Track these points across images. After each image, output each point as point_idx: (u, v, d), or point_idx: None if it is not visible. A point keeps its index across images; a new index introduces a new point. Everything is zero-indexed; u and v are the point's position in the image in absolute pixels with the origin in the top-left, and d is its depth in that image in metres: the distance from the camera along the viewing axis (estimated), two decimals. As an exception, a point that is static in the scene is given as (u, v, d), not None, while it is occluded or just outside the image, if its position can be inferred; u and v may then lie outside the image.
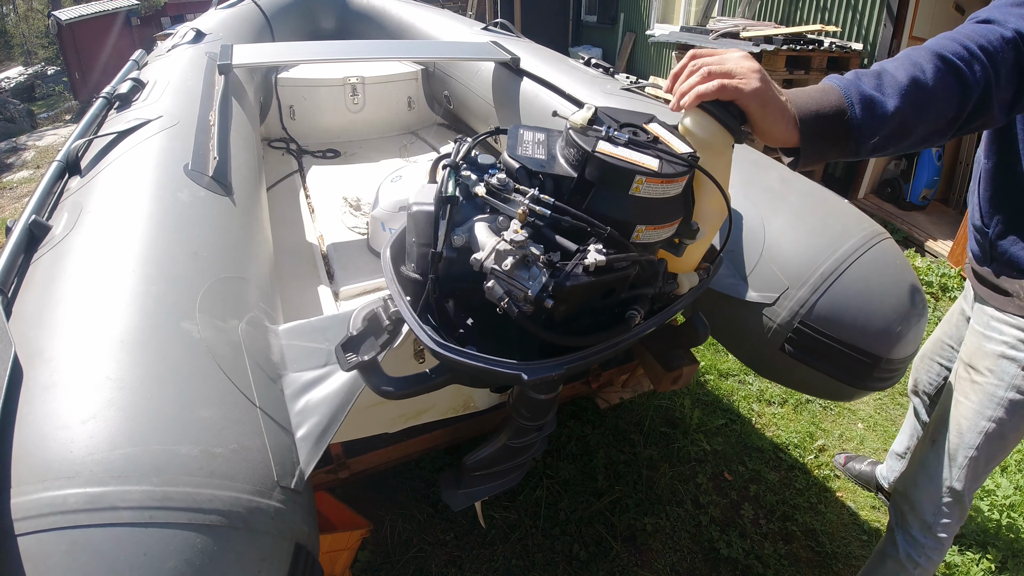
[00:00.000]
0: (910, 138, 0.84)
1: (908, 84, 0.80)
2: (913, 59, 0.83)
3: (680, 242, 0.85)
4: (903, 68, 0.82)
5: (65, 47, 8.76)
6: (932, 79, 0.80)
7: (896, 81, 0.81)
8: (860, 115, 0.79)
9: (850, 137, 0.80)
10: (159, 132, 1.27)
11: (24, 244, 0.95)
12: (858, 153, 0.83)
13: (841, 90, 0.81)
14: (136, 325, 0.76)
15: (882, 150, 0.85)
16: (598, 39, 8.77)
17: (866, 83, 0.81)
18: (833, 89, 0.81)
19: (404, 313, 0.79)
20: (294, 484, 0.73)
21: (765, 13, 5.41)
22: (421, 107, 2.88)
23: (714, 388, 2.57)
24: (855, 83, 0.81)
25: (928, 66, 0.81)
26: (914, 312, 1.13)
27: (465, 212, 0.80)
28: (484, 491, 1.07)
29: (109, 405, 0.66)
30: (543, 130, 0.86)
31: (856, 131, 0.80)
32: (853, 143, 0.81)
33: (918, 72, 0.81)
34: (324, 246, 1.77)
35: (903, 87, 0.80)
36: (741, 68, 0.78)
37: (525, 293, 0.72)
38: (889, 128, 0.81)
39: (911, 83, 0.80)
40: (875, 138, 0.81)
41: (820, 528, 1.93)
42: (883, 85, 0.81)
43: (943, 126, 0.85)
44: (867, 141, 0.81)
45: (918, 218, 4.08)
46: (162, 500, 0.60)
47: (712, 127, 0.81)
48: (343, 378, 0.85)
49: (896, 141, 0.83)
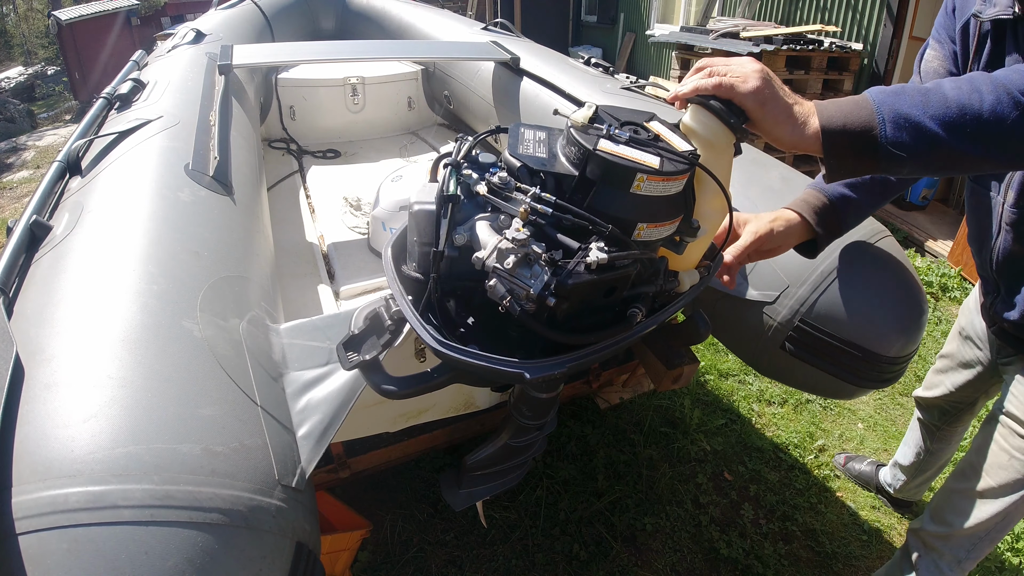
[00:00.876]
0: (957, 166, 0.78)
1: (956, 109, 0.72)
2: (975, 84, 0.74)
3: (681, 240, 0.85)
4: (958, 90, 0.74)
5: (65, 47, 8.76)
6: (989, 110, 0.72)
7: (944, 103, 0.73)
8: (891, 134, 0.73)
9: (879, 156, 0.74)
10: (160, 132, 1.27)
11: (25, 244, 0.95)
12: (890, 172, 0.77)
13: (875, 105, 0.75)
14: (137, 324, 0.76)
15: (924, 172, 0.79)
16: (598, 39, 8.77)
17: (907, 100, 0.74)
18: (867, 103, 0.75)
19: (406, 312, 0.79)
20: (295, 483, 0.73)
21: (765, 13, 5.41)
22: (421, 107, 2.88)
23: (714, 388, 2.57)
24: (894, 99, 0.75)
25: (988, 96, 0.72)
26: (914, 310, 1.13)
27: (466, 211, 0.80)
28: (485, 491, 1.07)
29: (110, 404, 0.65)
30: (544, 129, 0.86)
31: (884, 151, 0.74)
32: (884, 162, 0.75)
33: (974, 99, 0.72)
34: (324, 246, 1.77)
35: (949, 111, 0.72)
36: (743, 69, 0.78)
37: (527, 291, 0.72)
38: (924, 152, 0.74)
39: (960, 109, 0.72)
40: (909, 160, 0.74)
41: (820, 528, 1.93)
42: (928, 104, 0.73)
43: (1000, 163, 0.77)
44: (899, 162, 0.74)
45: (918, 218, 4.08)
46: (163, 499, 0.60)
47: (713, 125, 0.81)
48: (344, 377, 0.85)
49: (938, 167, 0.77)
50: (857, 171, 0.78)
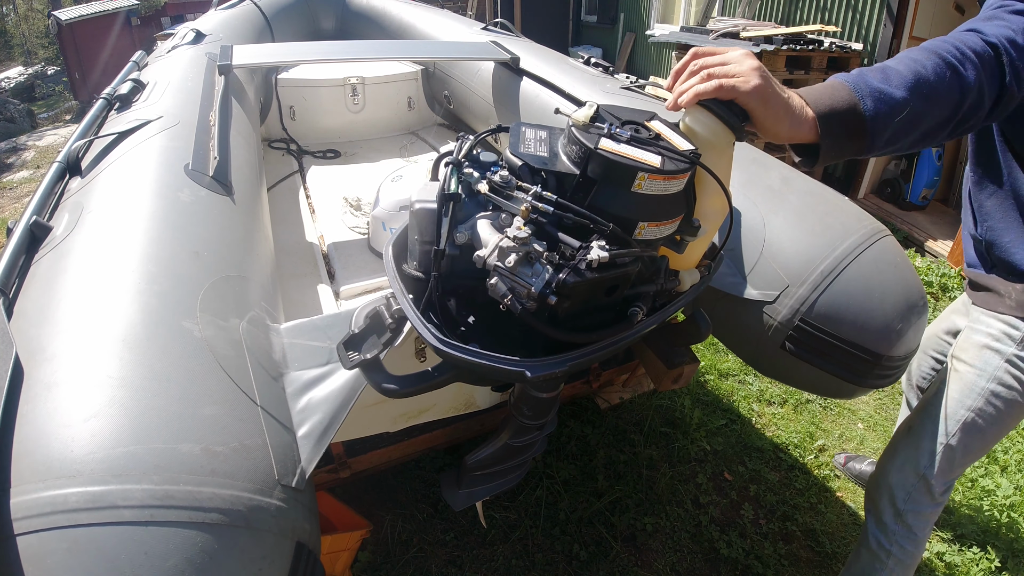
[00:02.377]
0: (917, 131, 0.87)
1: (912, 77, 0.84)
2: (912, 56, 0.88)
3: (682, 239, 0.85)
4: (904, 64, 0.86)
5: (65, 47, 8.76)
6: (932, 74, 0.85)
7: (900, 75, 0.85)
8: (872, 106, 0.82)
9: (865, 130, 0.82)
10: (159, 132, 1.27)
11: (25, 245, 0.95)
12: (872, 147, 0.85)
13: (850, 85, 0.83)
14: (137, 324, 0.76)
15: (893, 144, 0.87)
16: (598, 39, 8.77)
17: (872, 77, 0.84)
18: (842, 85, 0.84)
19: (407, 311, 0.79)
20: (295, 482, 0.73)
21: (765, 13, 5.41)
22: (421, 107, 2.88)
23: (714, 388, 2.57)
24: (862, 78, 0.84)
25: (927, 63, 0.86)
26: (914, 310, 1.13)
27: (468, 209, 0.80)
28: (485, 491, 1.07)
29: (110, 404, 0.65)
30: (545, 128, 0.86)
31: (870, 123, 0.82)
32: (868, 137, 0.83)
33: (919, 67, 0.85)
34: (325, 246, 1.77)
35: (908, 80, 0.84)
36: (741, 67, 0.78)
37: (528, 290, 0.72)
38: (900, 119, 0.84)
39: (914, 76, 0.84)
40: (888, 130, 0.83)
41: (820, 528, 1.93)
42: (889, 78, 0.84)
43: (943, 121, 0.88)
44: (881, 134, 0.83)
45: (918, 218, 4.08)
46: (163, 498, 0.60)
47: (713, 124, 0.81)
48: (345, 376, 0.85)
49: (905, 135, 0.86)
50: (848, 149, 0.85)
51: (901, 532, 1.37)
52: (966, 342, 1.28)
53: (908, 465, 1.33)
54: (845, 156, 0.86)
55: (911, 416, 1.38)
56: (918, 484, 1.32)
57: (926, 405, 1.33)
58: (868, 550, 1.44)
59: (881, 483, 1.40)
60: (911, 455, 1.33)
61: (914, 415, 1.37)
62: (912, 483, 1.33)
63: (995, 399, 1.22)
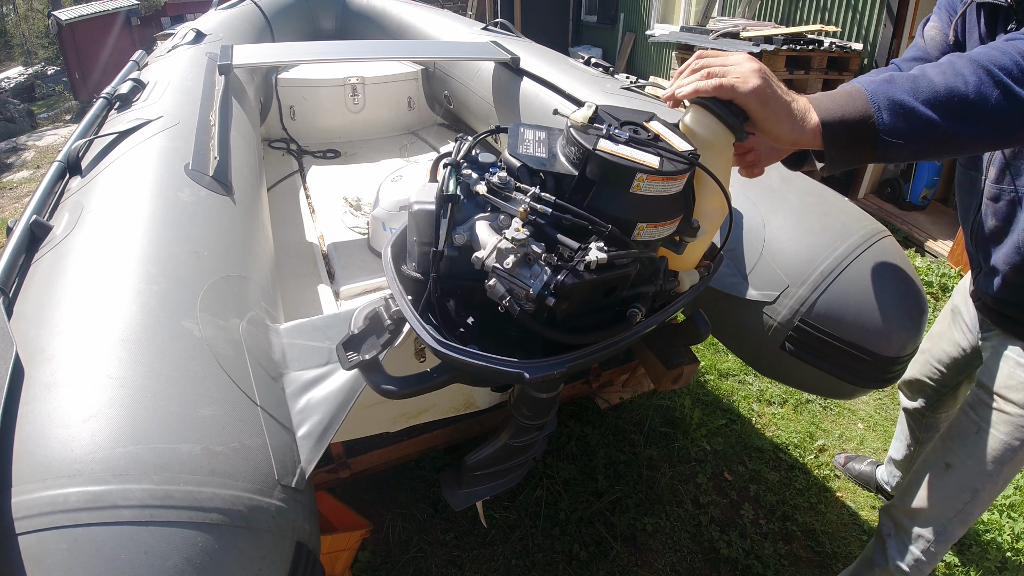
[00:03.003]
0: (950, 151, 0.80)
1: (944, 93, 0.75)
2: (957, 68, 0.77)
3: (681, 240, 0.85)
4: (942, 75, 0.77)
5: (65, 47, 8.76)
6: (973, 91, 0.75)
7: (932, 88, 0.76)
8: (888, 121, 0.76)
9: (878, 144, 0.77)
10: (160, 132, 1.27)
11: (25, 244, 0.95)
12: (887, 159, 0.80)
13: (869, 94, 0.77)
14: (137, 324, 0.76)
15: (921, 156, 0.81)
16: (598, 39, 8.77)
17: (899, 87, 0.77)
18: (860, 93, 0.78)
19: (406, 312, 0.79)
20: (295, 483, 0.73)
21: (765, 13, 5.41)
22: (421, 107, 2.88)
23: (714, 388, 2.57)
24: (885, 87, 0.77)
25: (971, 78, 0.76)
26: (914, 310, 1.13)
27: (466, 211, 0.80)
28: (485, 491, 1.07)
29: (110, 403, 0.65)
30: (544, 128, 0.86)
31: (884, 138, 0.76)
32: (882, 149, 0.77)
33: (958, 82, 0.76)
34: (324, 246, 1.77)
35: (939, 95, 0.76)
36: (741, 68, 0.78)
37: (527, 291, 0.72)
38: (920, 136, 0.77)
39: (948, 92, 0.75)
40: (906, 146, 0.77)
41: (820, 528, 1.93)
42: (918, 90, 0.76)
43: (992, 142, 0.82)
44: (897, 149, 0.77)
45: (918, 218, 4.08)
46: (163, 498, 0.60)
47: (713, 125, 0.81)
48: (344, 377, 0.85)
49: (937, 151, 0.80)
50: (856, 160, 0.80)
51: (925, 560, 1.36)
52: (1012, 380, 1.22)
53: (947, 503, 1.30)
54: (860, 164, 0.82)
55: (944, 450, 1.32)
56: (955, 519, 1.31)
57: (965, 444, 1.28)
58: (884, 571, 1.43)
59: (913, 513, 1.36)
60: (951, 494, 1.29)
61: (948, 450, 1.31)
62: (950, 518, 1.31)
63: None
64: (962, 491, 1.28)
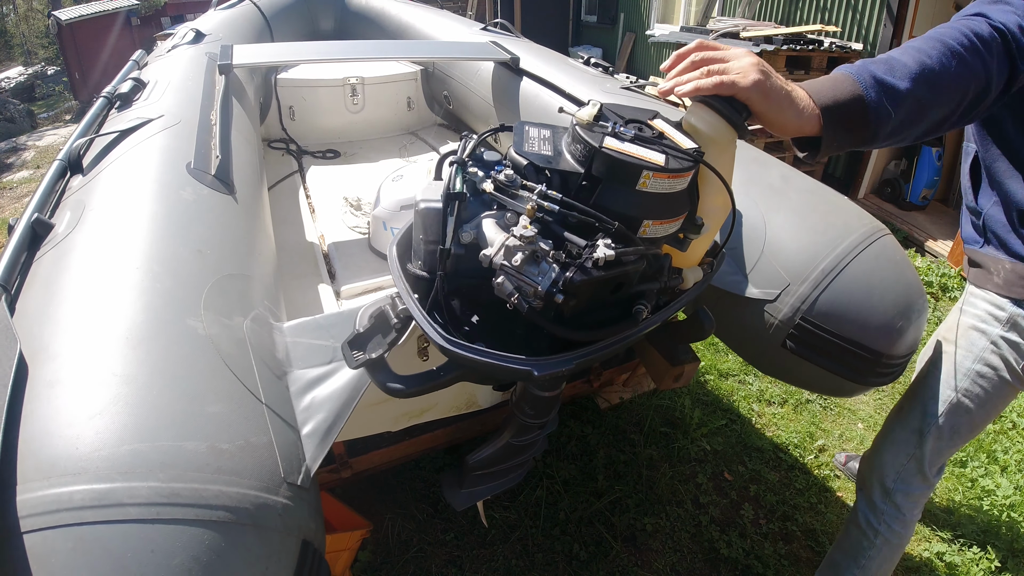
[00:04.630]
0: (924, 122, 0.88)
1: (917, 67, 0.85)
2: (917, 46, 0.88)
3: (685, 237, 0.86)
4: (908, 54, 0.87)
5: (65, 47, 8.74)
6: (937, 63, 0.85)
7: (905, 65, 0.85)
8: (875, 97, 0.82)
9: (868, 121, 0.82)
10: (161, 131, 1.27)
11: (27, 242, 0.95)
12: (876, 138, 0.85)
13: (854, 76, 0.83)
14: (141, 321, 0.76)
15: (899, 134, 0.87)
16: (598, 39, 8.77)
17: (877, 68, 0.85)
18: (845, 76, 0.84)
19: (413, 311, 0.79)
20: (300, 480, 0.73)
21: (765, 13, 5.42)
22: (421, 107, 2.88)
23: (714, 388, 2.57)
24: (866, 69, 0.84)
25: (933, 52, 0.86)
26: (915, 308, 1.13)
27: (472, 209, 0.80)
28: (486, 490, 1.07)
29: (115, 401, 0.65)
30: (549, 126, 0.86)
31: (874, 114, 0.82)
32: (872, 127, 0.83)
33: (924, 57, 0.86)
34: (325, 245, 1.77)
35: (913, 70, 0.84)
36: (740, 63, 0.79)
37: (535, 288, 0.72)
38: (905, 109, 0.84)
39: (919, 66, 0.85)
40: (892, 121, 0.84)
41: (820, 528, 1.93)
42: (893, 69, 0.85)
43: (952, 109, 0.89)
44: (885, 124, 0.83)
45: (918, 218, 4.09)
46: (169, 496, 0.60)
47: (715, 122, 0.81)
48: (349, 375, 0.85)
49: (911, 125, 0.87)
50: (851, 140, 0.85)
51: (890, 512, 1.38)
52: (953, 323, 1.29)
53: (899, 445, 1.35)
54: (848, 147, 0.87)
55: (902, 397, 1.39)
56: (908, 464, 1.34)
57: (916, 386, 1.35)
58: (857, 528, 1.45)
59: (872, 463, 1.41)
60: (901, 435, 1.34)
61: (905, 396, 1.38)
62: (902, 463, 1.34)
63: (981, 380, 1.23)
64: (910, 433, 1.32)
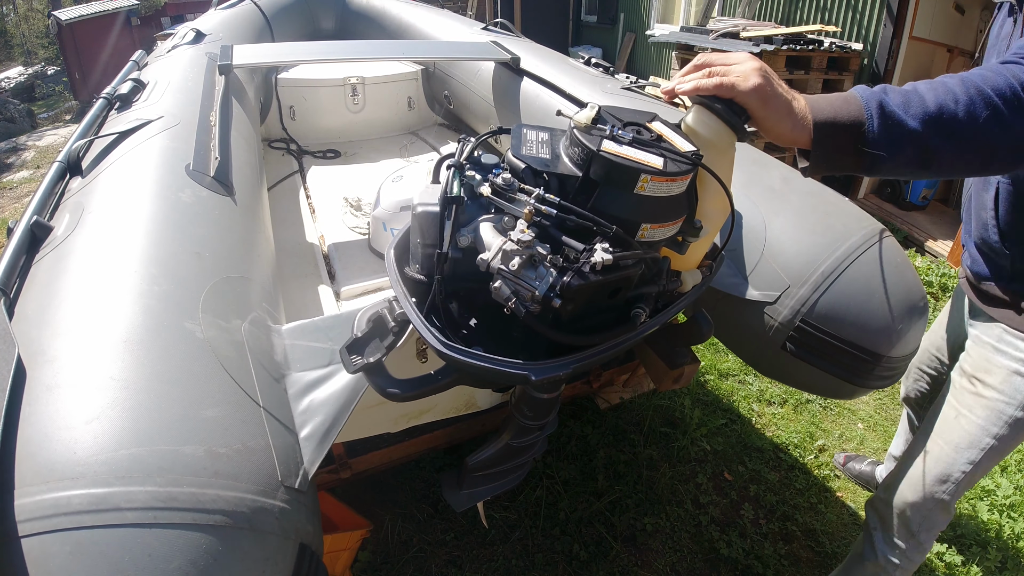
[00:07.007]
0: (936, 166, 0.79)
1: (935, 109, 0.75)
2: (949, 85, 0.77)
3: (683, 240, 0.85)
4: (934, 92, 0.77)
5: (65, 47, 8.74)
6: (963, 110, 0.75)
7: (923, 103, 0.76)
8: (877, 130, 0.76)
9: (864, 152, 0.77)
10: (160, 132, 1.27)
11: (26, 245, 0.95)
12: (873, 171, 0.79)
13: (863, 101, 0.77)
14: (139, 325, 0.76)
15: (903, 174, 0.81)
16: (598, 39, 8.76)
17: (891, 99, 0.77)
18: (855, 99, 0.78)
19: (411, 315, 0.79)
20: (298, 484, 0.73)
21: (765, 13, 5.41)
22: (421, 107, 2.88)
23: (714, 388, 2.57)
24: (879, 96, 0.77)
25: (962, 96, 0.76)
26: (915, 310, 1.13)
27: (470, 212, 0.80)
28: (486, 491, 1.07)
29: (113, 405, 0.65)
30: (547, 129, 0.86)
31: (872, 147, 0.76)
32: (868, 159, 0.77)
33: (949, 100, 0.76)
34: (325, 246, 1.77)
35: (929, 111, 0.76)
36: (742, 67, 0.79)
37: (532, 293, 0.71)
38: (908, 156, 0.77)
39: (938, 109, 0.75)
40: (891, 158, 0.76)
41: (820, 528, 1.93)
42: (909, 104, 0.76)
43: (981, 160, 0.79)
44: (883, 160, 0.77)
45: (918, 218, 4.08)
46: (167, 500, 0.60)
47: (714, 124, 0.81)
48: (346, 378, 0.85)
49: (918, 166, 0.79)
50: (838, 165, 0.80)
51: (911, 548, 1.36)
52: (988, 364, 1.22)
53: (927, 490, 1.30)
54: (843, 171, 0.80)
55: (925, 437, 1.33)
56: (936, 507, 1.30)
57: (942, 429, 1.29)
58: (874, 564, 1.43)
59: (895, 504, 1.36)
60: (930, 480, 1.29)
61: (928, 436, 1.32)
62: (930, 507, 1.31)
63: (1019, 425, 1.20)
64: (940, 479, 1.28)
